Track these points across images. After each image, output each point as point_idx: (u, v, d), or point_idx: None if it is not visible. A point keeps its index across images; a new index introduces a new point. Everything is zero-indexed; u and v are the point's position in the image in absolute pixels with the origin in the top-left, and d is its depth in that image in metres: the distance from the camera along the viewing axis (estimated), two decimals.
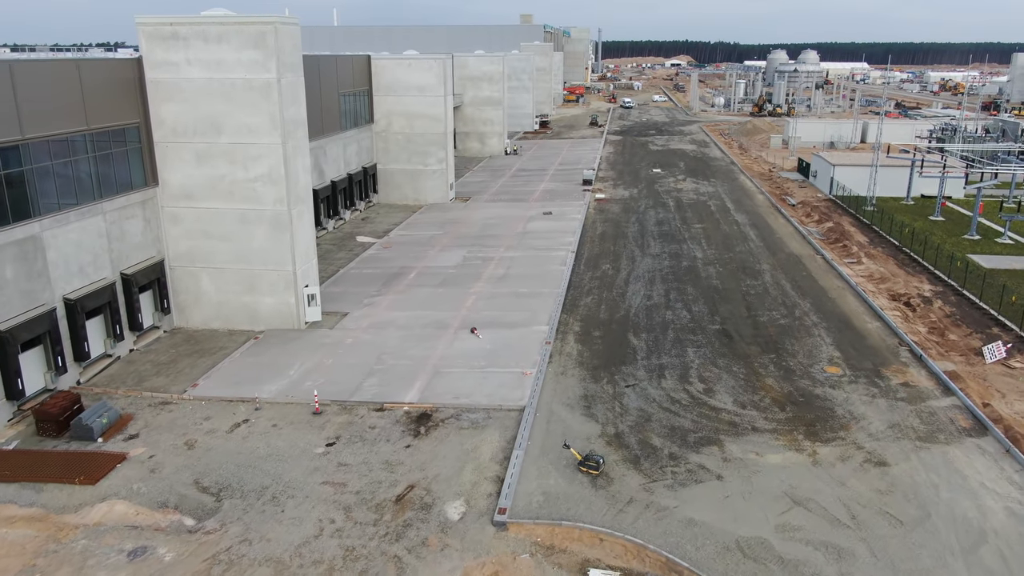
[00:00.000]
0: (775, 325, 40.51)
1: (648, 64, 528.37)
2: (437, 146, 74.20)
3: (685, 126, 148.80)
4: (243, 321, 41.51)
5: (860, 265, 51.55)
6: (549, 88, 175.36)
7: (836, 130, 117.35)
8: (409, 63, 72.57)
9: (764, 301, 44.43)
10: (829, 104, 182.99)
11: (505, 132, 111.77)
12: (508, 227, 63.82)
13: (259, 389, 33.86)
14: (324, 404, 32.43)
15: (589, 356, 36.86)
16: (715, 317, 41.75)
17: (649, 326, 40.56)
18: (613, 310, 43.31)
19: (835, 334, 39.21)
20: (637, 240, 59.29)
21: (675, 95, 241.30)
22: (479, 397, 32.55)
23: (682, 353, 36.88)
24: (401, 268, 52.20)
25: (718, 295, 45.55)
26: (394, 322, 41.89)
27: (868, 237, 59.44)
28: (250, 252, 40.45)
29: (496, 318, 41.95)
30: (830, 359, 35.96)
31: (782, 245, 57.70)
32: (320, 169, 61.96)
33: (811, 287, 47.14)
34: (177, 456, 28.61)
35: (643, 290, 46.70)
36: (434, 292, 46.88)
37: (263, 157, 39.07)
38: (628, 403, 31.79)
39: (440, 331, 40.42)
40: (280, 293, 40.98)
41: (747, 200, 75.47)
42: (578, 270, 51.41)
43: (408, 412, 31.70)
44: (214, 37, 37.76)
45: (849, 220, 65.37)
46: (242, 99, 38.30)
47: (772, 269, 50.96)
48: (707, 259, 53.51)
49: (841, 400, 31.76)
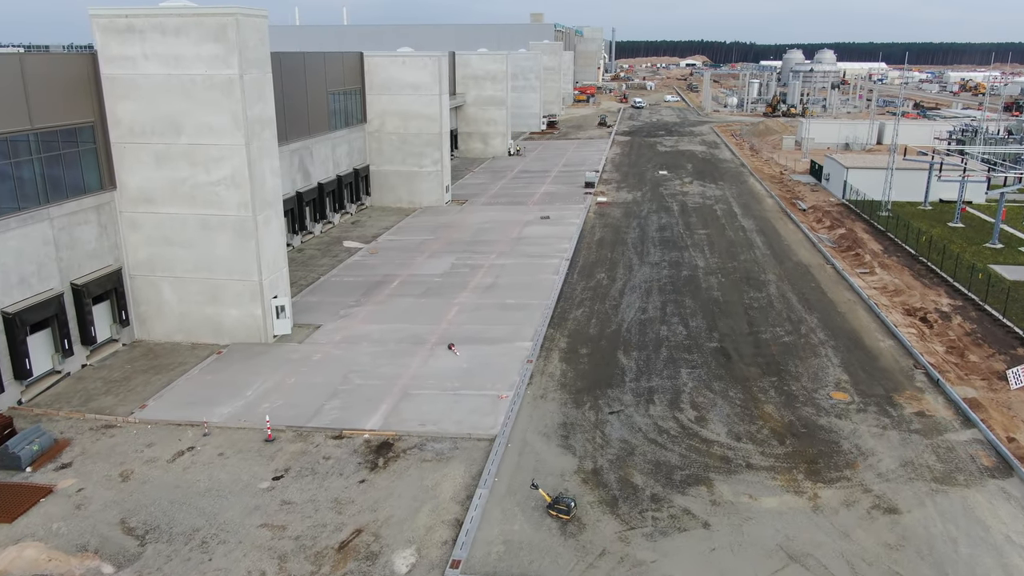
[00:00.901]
0: (778, 343, 37.32)
1: (663, 64, 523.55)
2: (432, 147, 71.37)
3: (696, 127, 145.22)
4: (207, 334, 38.85)
5: (873, 276, 48.18)
6: (558, 88, 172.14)
7: (851, 131, 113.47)
8: (403, 60, 69.81)
9: (768, 315, 41.23)
10: (845, 104, 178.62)
11: (509, 132, 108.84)
12: (503, 232, 60.90)
13: (211, 412, 31.12)
14: (278, 430, 29.65)
15: (573, 377, 33.85)
16: (713, 333, 38.60)
17: (641, 343, 37.48)
18: (604, 324, 40.26)
19: (844, 354, 35.97)
20: (636, 247, 56.16)
21: (688, 95, 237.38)
22: (447, 424, 29.64)
23: (675, 375, 33.79)
24: (385, 276, 49.41)
25: (718, 308, 42.37)
26: (368, 336, 39.08)
27: (882, 245, 56.00)
28: (213, 260, 37.78)
29: (477, 333, 39.04)
30: (837, 383, 32.75)
31: (790, 253, 54.39)
32: (306, 171, 59.32)
33: (819, 300, 43.86)
34: (109, 489, 25.91)
35: (638, 302, 43.61)
36: (415, 303, 44.04)
37: (225, 159, 36.38)
38: (611, 433, 28.76)
39: (416, 347, 37.56)
40: (246, 305, 38.27)
41: (755, 204, 72.10)
42: (571, 279, 48.38)
43: (368, 440, 28.84)
44: (172, 30, 35.11)
45: (862, 226, 61.90)
46: (202, 97, 35.63)
47: (778, 280, 47.70)
48: (709, 268, 50.31)
49: (848, 432, 28.57)
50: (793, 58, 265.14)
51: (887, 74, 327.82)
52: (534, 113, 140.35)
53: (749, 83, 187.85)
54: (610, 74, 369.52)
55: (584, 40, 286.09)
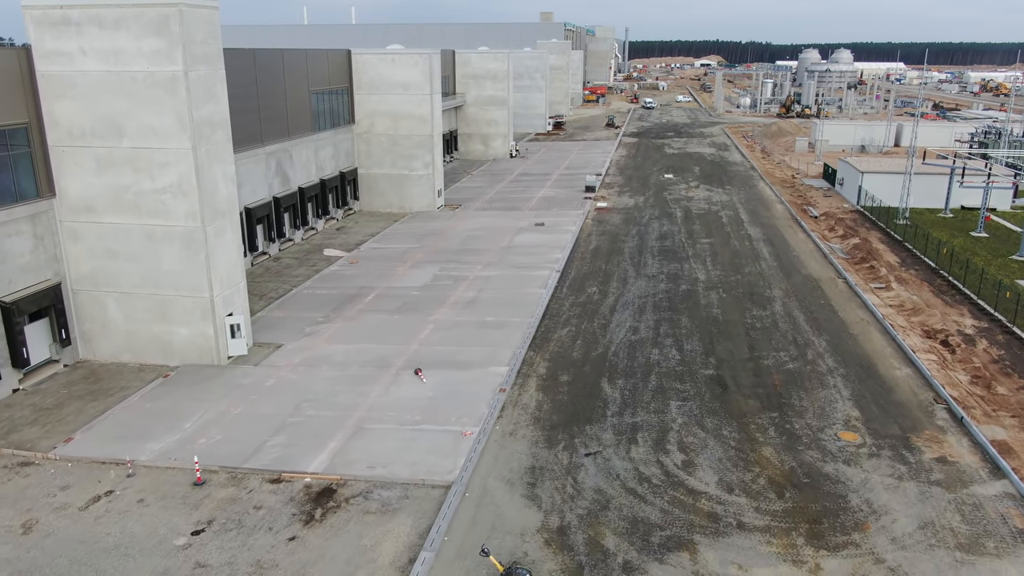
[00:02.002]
0: (781, 371, 33.54)
1: (677, 64, 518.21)
2: (423, 149, 67.98)
3: (706, 128, 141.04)
4: (156, 354, 35.61)
5: (889, 292, 44.24)
6: (566, 88, 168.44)
7: (867, 132, 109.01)
8: (393, 58, 66.47)
9: (771, 337, 37.44)
10: (861, 105, 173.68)
11: (510, 133, 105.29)
12: (493, 240, 57.38)
13: (141, 448, 27.81)
14: (210, 471, 26.28)
15: (549, 410, 30.27)
16: (710, 358, 34.88)
17: (629, 369, 33.83)
18: (590, 346, 36.64)
19: (855, 384, 32.16)
20: (633, 258, 52.45)
21: (701, 95, 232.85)
22: (400, 467, 26.15)
23: (663, 408, 30.12)
24: (360, 288, 46.03)
25: (717, 329, 38.63)
26: (330, 358, 35.68)
27: (899, 257, 51.96)
28: (160, 275, 34.51)
29: (449, 355, 35.54)
30: (846, 420, 28.96)
31: (799, 265, 50.48)
32: (284, 175, 56.07)
33: (829, 320, 40.00)
34: (5, 544, 22.63)
35: (630, 321, 39.94)
36: (388, 320, 40.61)
37: (171, 164, 33.09)
38: (584, 480, 25.17)
39: (380, 371, 34.12)
40: (196, 323, 34.98)
41: (764, 211, 68.13)
42: (559, 294, 44.77)
43: (309, 486, 25.41)
44: (111, 23, 31.84)
45: (878, 235, 57.86)
46: (145, 96, 32.35)
47: (784, 296, 43.85)
48: (710, 282, 46.52)
49: (858, 483, 24.82)
50: (809, 58, 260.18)
51: (905, 74, 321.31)
52: (539, 114, 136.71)
53: (763, 83, 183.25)
54: (623, 74, 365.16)
55: (596, 40, 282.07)
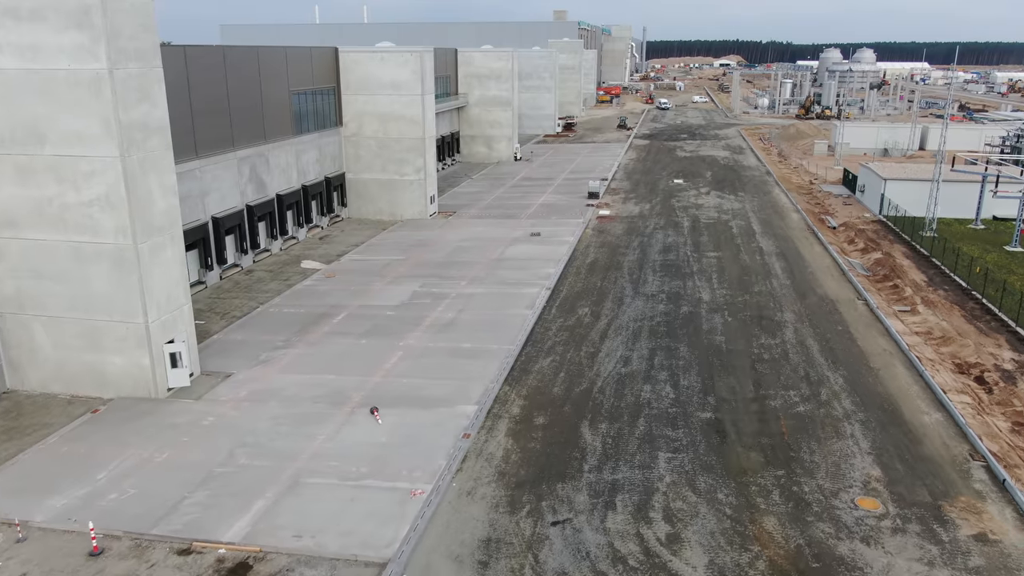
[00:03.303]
0: (791, 415, 29.15)
1: (696, 64, 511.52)
2: (415, 153, 64.03)
3: (722, 129, 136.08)
4: (88, 385, 31.89)
5: (915, 316, 39.64)
6: (578, 88, 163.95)
7: (891, 135, 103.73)
8: (382, 56, 62.59)
9: (780, 372, 33.03)
10: (884, 106, 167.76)
11: (515, 135, 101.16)
12: (483, 252, 53.30)
13: (40, 504, 24.03)
14: (113, 537, 22.42)
15: (517, 462, 26.12)
16: (708, 398, 30.55)
17: (615, 411, 29.59)
18: (574, 380, 32.44)
19: (876, 433, 27.71)
20: (632, 273, 48.14)
21: (718, 96, 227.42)
22: (331, 537, 22.12)
23: (650, 462, 25.88)
24: (331, 307, 42.13)
25: (719, 360, 34.28)
26: (281, 391, 31.77)
27: (926, 274, 47.23)
28: (89, 298, 30.78)
29: (414, 390, 31.50)
30: (865, 482, 24.56)
31: (814, 284, 45.92)
32: (260, 181, 52.34)
33: (847, 351, 35.50)
34: None
35: (622, 349, 35.69)
36: (354, 345, 36.66)
37: (97, 174, 29.33)
38: (547, 559, 21.01)
39: (333, 408, 30.14)
40: (131, 352, 31.20)
41: (778, 220, 63.48)
42: (547, 316, 40.60)
43: (222, 560, 21.46)
44: (27, 14, 28.11)
45: (902, 249, 53.11)
46: (67, 97, 28.61)
47: (797, 321, 39.36)
48: (715, 303, 42.12)
49: (878, 570, 20.44)
50: (830, 57, 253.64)
51: (930, 74, 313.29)
52: (548, 115, 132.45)
53: (781, 83, 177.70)
54: (640, 74, 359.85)
55: (612, 39, 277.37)
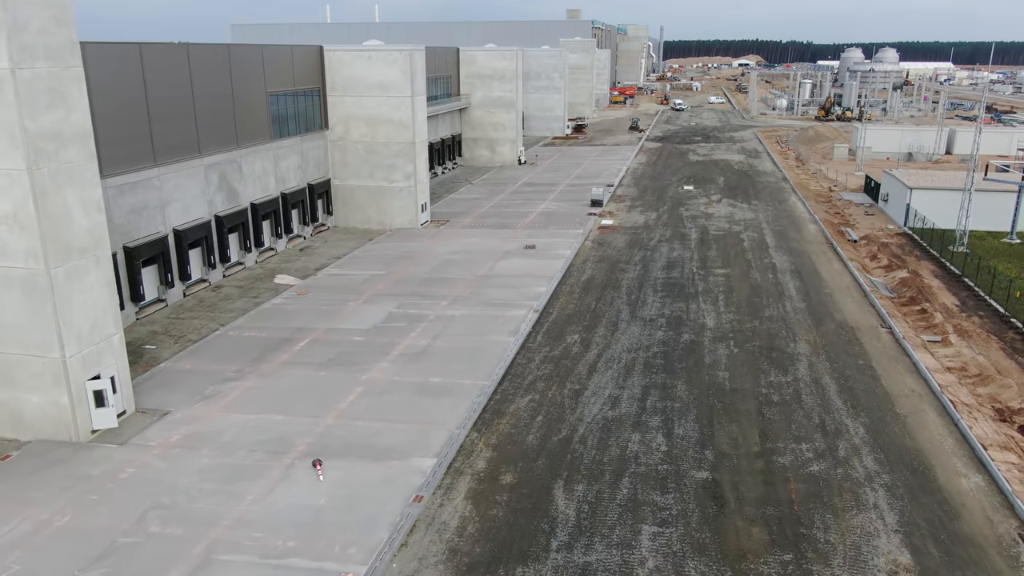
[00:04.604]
0: (802, 476, 24.81)
1: (714, 64, 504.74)
2: (404, 158, 60.13)
3: (737, 132, 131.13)
4: (5, 426, 28.21)
5: (947, 348, 35.10)
6: (590, 88, 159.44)
7: (915, 138, 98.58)
8: (369, 55, 58.70)
9: (791, 418, 28.67)
10: (908, 107, 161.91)
11: (519, 138, 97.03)
12: (471, 267, 49.24)
13: None
14: None
15: (474, 535, 22.01)
16: (706, 451, 26.28)
17: (596, 467, 25.40)
18: (552, 426, 28.28)
19: (904, 503, 23.31)
20: (631, 293, 43.87)
21: (735, 97, 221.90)
22: None
23: (631, 537, 21.67)
24: (296, 331, 38.27)
25: (721, 402, 29.96)
26: (219, 435, 27.89)
27: (958, 297, 42.57)
28: (1, 329, 27.09)
29: (367, 436, 27.50)
30: (892, 573, 20.20)
31: (832, 307, 41.40)
32: (231, 189, 48.60)
33: (869, 391, 31.05)
34: None
35: (610, 387, 31.46)
36: (311, 378, 32.72)
37: (4, 190, 25.61)
38: None
39: (272, 459, 26.21)
40: (48, 389, 27.45)
41: (794, 232, 58.88)
42: (531, 344, 36.46)
43: None
44: None
45: (930, 267, 48.42)
46: None
47: (812, 353, 34.93)
48: (720, 330, 37.77)
49: None
50: (851, 57, 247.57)
51: (954, 74, 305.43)
52: (557, 116, 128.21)
53: (800, 83, 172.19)
54: (656, 74, 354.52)
55: (627, 39, 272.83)
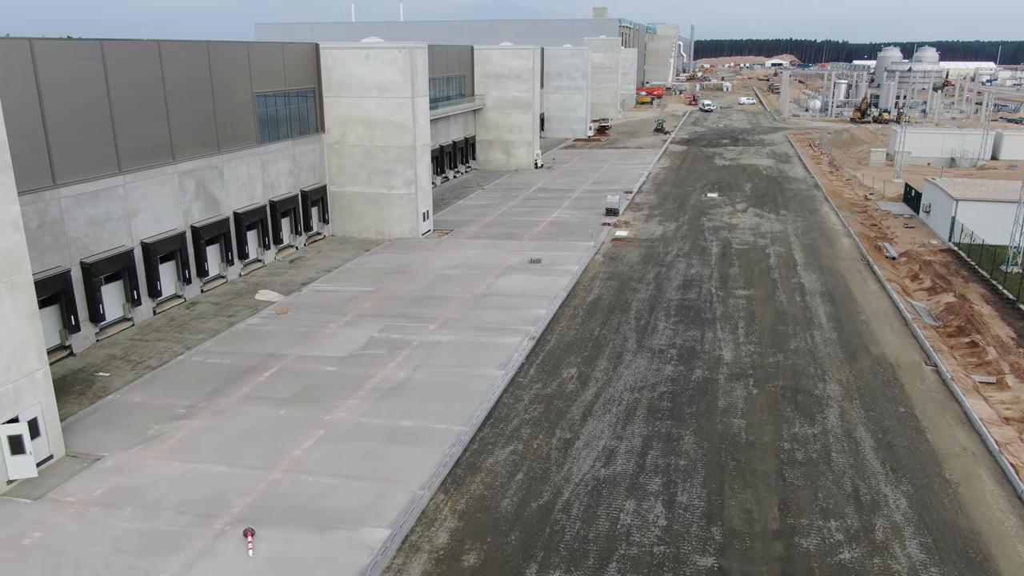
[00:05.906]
0: (830, 567, 20.27)
1: (747, 64, 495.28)
2: (404, 164, 56.30)
3: (768, 134, 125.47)
4: None
5: (1003, 393, 30.19)
6: (615, 89, 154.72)
7: (958, 142, 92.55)
8: (366, 54, 54.95)
9: (818, 485, 24.10)
10: (949, 108, 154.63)
11: (536, 141, 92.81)
12: (468, 284, 45.17)
13: None
14: None
15: None
16: (713, 528, 21.86)
17: (578, 546, 21.12)
18: (533, 489, 24.05)
19: None
20: (641, 317, 39.44)
21: (767, 97, 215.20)
22: None
23: None
24: (266, 357, 34.52)
25: (735, 460, 25.49)
26: (148, 490, 24.13)
27: (1013, 328, 37.49)
28: None
29: (316, 496, 23.52)
30: None
31: (868, 338, 36.59)
32: (211, 198, 45.08)
33: (912, 449, 26.33)
34: None
35: (606, 437, 27.13)
36: (269, 417, 28.87)
37: None
38: None
39: (199, 525, 22.34)
40: None
41: (826, 247, 53.89)
42: (521, 379, 32.24)
43: None
44: None
45: (980, 290, 43.27)
46: None
47: (845, 397, 30.23)
48: (738, 366, 33.21)
49: None
50: (889, 56, 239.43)
51: (997, 74, 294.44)
52: (579, 117, 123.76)
53: (835, 84, 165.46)
54: (686, 74, 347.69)
55: (656, 38, 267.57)
